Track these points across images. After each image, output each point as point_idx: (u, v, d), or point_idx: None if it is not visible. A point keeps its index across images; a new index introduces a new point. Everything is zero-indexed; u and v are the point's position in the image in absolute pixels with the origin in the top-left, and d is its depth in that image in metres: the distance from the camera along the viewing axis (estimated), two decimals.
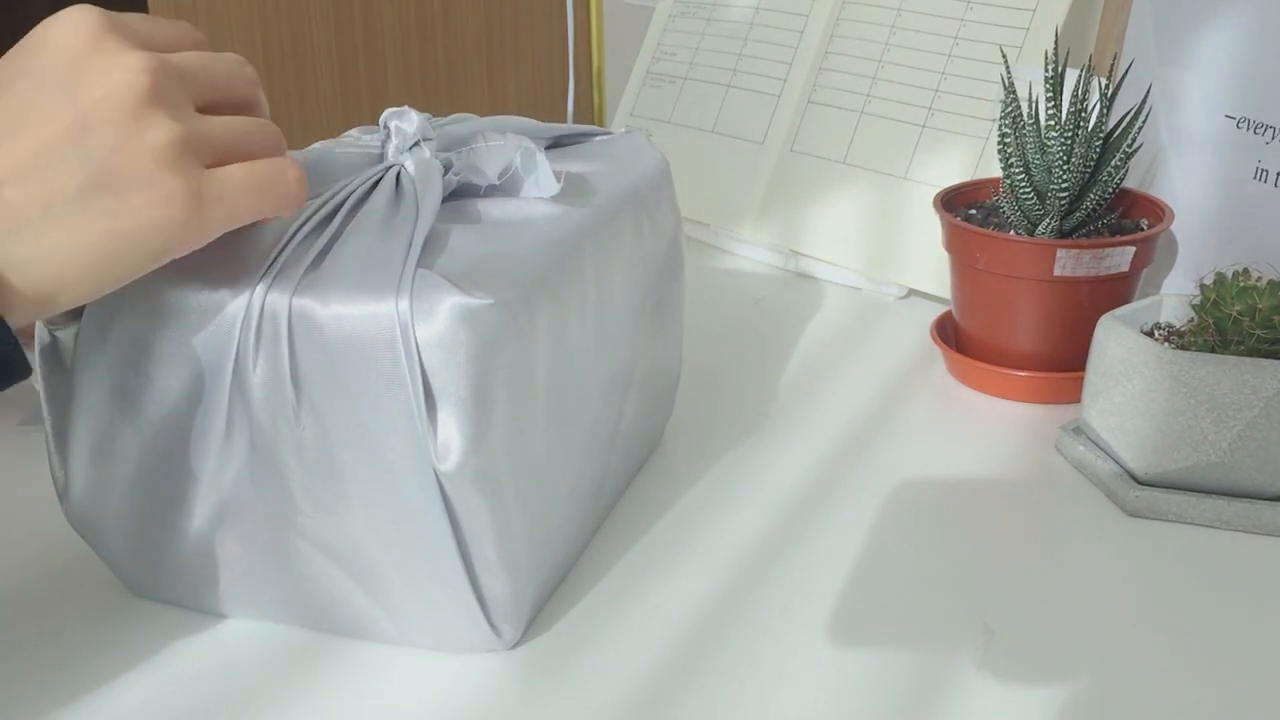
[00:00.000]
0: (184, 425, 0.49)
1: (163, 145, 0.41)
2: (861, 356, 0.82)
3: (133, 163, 0.41)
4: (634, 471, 0.66)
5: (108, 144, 0.41)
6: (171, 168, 0.42)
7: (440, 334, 0.45)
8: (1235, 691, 0.50)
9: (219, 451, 0.49)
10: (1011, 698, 0.49)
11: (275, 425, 0.48)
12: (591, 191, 0.57)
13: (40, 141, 0.40)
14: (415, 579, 0.50)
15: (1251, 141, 0.78)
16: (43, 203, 0.40)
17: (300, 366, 0.47)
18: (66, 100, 0.41)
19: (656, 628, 0.54)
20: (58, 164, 0.40)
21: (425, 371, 0.46)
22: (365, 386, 0.46)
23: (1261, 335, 0.60)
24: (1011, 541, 0.61)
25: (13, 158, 0.40)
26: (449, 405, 0.46)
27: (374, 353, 0.46)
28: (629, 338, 0.60)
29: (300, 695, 0.50)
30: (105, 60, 0.41)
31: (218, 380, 0.48)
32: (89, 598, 0.56)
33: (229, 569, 0.52)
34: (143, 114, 0.41)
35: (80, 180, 0.40)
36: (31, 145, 0.40)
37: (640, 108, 1.12)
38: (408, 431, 0.46)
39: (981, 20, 0.92)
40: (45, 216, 0.40)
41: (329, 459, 0.48)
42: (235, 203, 0.44)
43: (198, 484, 0.50)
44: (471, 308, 0.45)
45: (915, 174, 0.92)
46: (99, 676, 0.51)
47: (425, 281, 0.46)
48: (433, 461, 0.47)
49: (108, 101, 0.41)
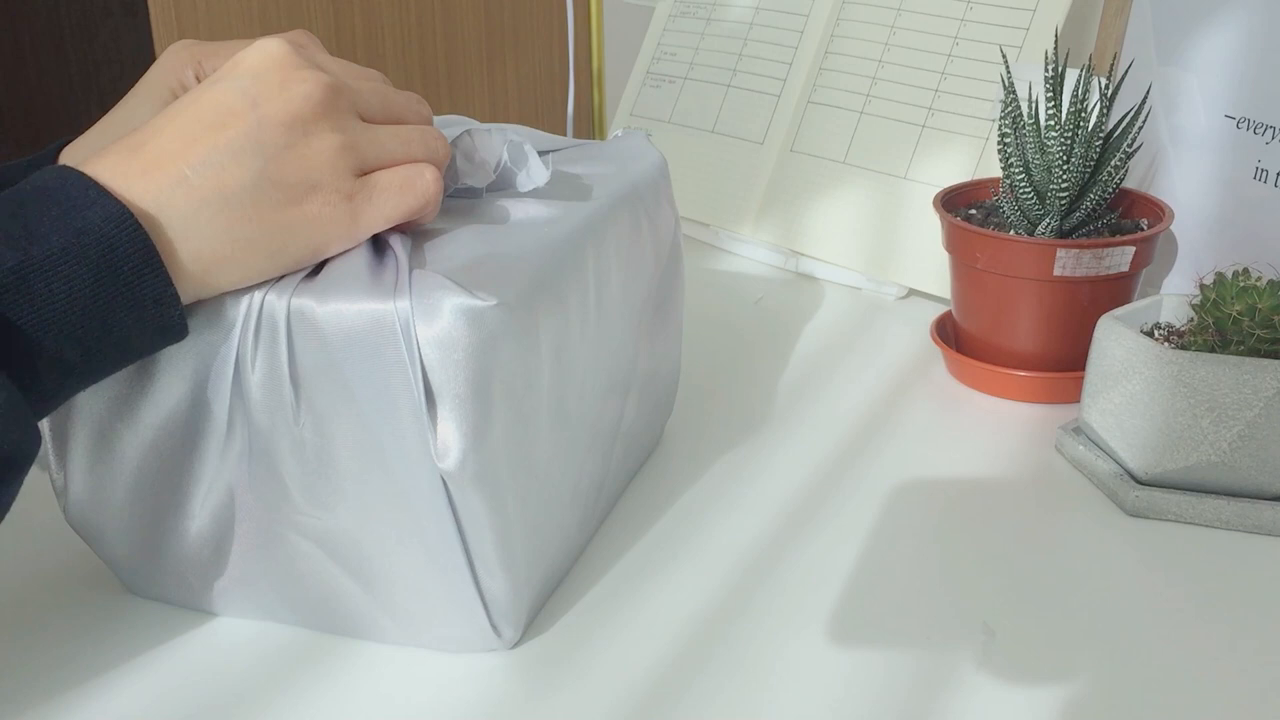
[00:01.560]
0: (183, 427, 0.49)
1: (325, 151, 0.47)
2: (861, 356, 0.82)
3: (299, 164, 0.47)
4: (634, 471, 0.66)
5: (279, 144, 0.46)
6: (331, 172, 0.47)
7: (442, 333, 0.45)
8: (1235, 691, 0.50)
9: (219, 452, 0.49)
10: (1011, 698, 0.49)
11: (275, 425, 0.48)
12: (592, 192, 0.57)
13: (222, 137, 0.46)
14: (415, 578, 0.50)
15: (1251, 141, 0.78)
16: (219, 189, 0.45)
17: (299, 366, 0.47)
18: (248, 105, 0.47)
19: (657, 627, 0.54)
20: (235, 157, 0.46)
21: (426, 370, 0.46)
22: (365, 386, 0.46)
23: (1261, 335, 0.59)
24: (1011, 541, 0.61)
25: (197, 149, 0.46)
26: (449, 404, 0.46)
27: (375, 352, 0.46)
28: (629, 338, 0.60)
29: (299, 695, 0.50)
30: (287, 75, 0.48)
31: (218, 382, 0.48)
32: (87, 597, 0.56)
33: (228, 569, 0.53)
34: (312, 123, 0.47)
35: (253, 174, 0.46)
36: (214, 139, 0.46)
37: (640, 108, 1.12)
38: (408, 430, 0.46)
39: (981, 20, 0.92)
40: (221, 202, 0.45)
41: (328, 458, 0.48)
42: (383, 205, 0.49)
43: (198, 485, 0.50)
44: (475, 308, 0.46)
45: (915, 174, 0.92)
46: (98, 676, 0.51)
47: (427, 281, 0.46)
48: (433, 460, 0.47)
49: (285, 108, 0.47)
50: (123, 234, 0.43)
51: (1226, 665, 0.51)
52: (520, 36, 1.59)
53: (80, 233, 0.43)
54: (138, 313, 0.44)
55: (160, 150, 0.46)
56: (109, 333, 0.44)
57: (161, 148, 0.46)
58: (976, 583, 0.57)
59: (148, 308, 0.44)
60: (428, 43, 1.49)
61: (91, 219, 0.43)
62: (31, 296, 0.42)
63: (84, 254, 0.43)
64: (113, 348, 0.44)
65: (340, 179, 0.48)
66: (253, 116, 0.46)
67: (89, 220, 0.43)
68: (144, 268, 0.44)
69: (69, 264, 0.42)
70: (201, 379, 0.48)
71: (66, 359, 0.43)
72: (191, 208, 0.45)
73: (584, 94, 1.46)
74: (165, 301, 0.45)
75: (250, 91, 0.47)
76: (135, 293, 0.44)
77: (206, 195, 0.45)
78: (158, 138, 0.46)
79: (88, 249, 0.43)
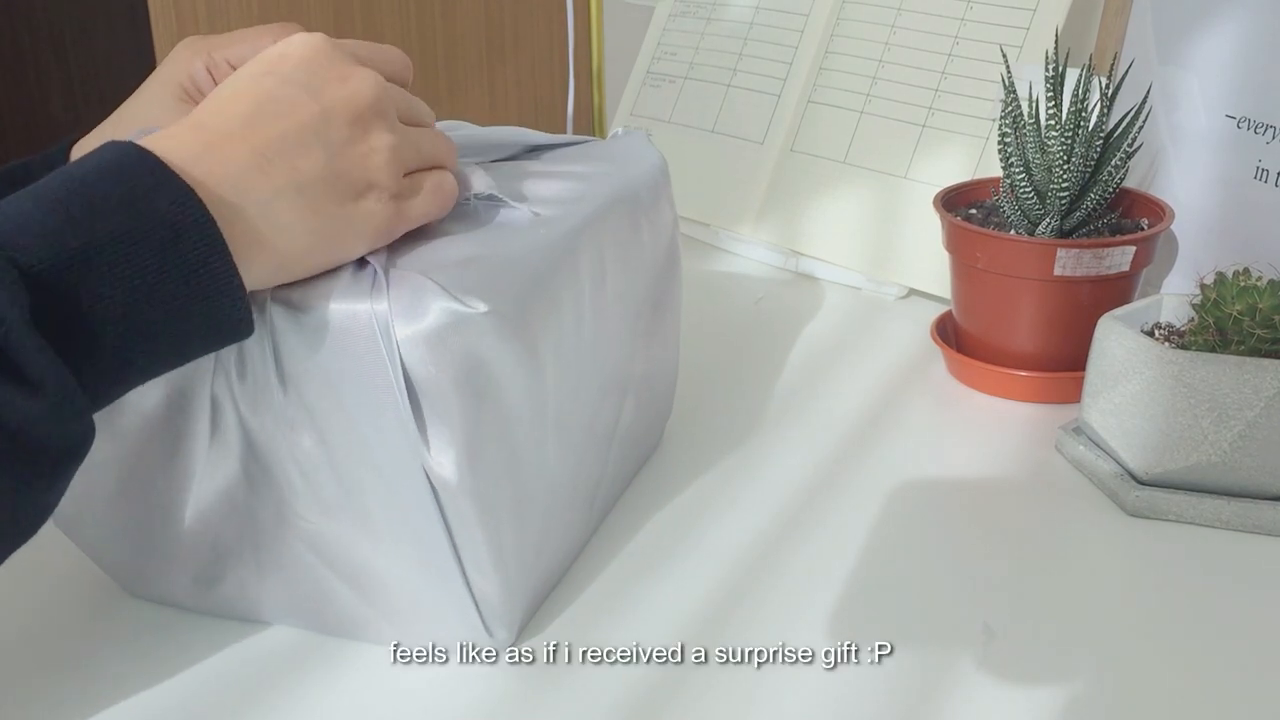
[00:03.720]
0: (165, 430, 0.49)
1: (383, 148, 0.48)
2: (861, 356, 0.82)
3: (359, 160, 0.47)
4: (633, 472, 0.66)
5: (343, 137, 0.47)
6: (387, 168, 0.48)
7: (427, 337, 0.45)
8: (1235, 691, 0.50)
9: (205, 455, 0.49)
10: (1011, 698, 0.49)
11: (264, 425, 0.48)
12: (589, 192, 0.57)
13: (289, 125, 0.45)
14: (406, 580, 0.50)
15: (1251, 141, 0.78)
16: (294, 178, 0.45)
17: (287, 366, 0.46)
18: (310, 96, 0.46)
19: (655, 627, 0.54)
20: (304, 146, 0.45)
21: (410, 374, 0.45)
22: (349, 386, 0.46)
23: (1261, 335, 0.59)
24: (1011, 541, 0.61)
25: (264, 137, 0.45)
26: (435, 407, 0.46)
27: (356, 352, 0.45)
28: (625, 340, 0.59)
29: (293, 695, 0.50)
30: (342, 70, 0.48)
31: (199, 382, 0.48)
32: (83, 598, 0.56)
33: (220, 571, 0.52)
34: (370, 119, 0.48)
35: (323, 164, 0.46)
36: (280, 128, 0.45)
37: (640, 108, 1.12)
38: (393, 432, 0.46)
39: (981, 20, 0.92)
40: (295, 191, 0.45)
41: (319, 459, 0.48)
42: (420, 206, 0.50)
43: (184, 489, 0.50)
44: (461, 314, 0.45)
45: (915, 174, 0.92)
46: (93, 676, 0.51)
47: (410, 283, 0.45)
48: (419, 462, 0.46)
49: (347, 102, 0.47)
50: (189, 217, 0.41)
51: (1227, 665, 0.51)
52: (520, 37, 1.59)
53: (146, 215, 0.41)
54: (203, 302, 0.42)
55: (228, 133, 0.44)
56: (172, 321, 0.42)
57: (228, 131, 0.44)
58: (976, 583, 0.57)
59: (212, 297, 0.42)
60: (428, 43, 1.49)
61: (158, 201, 0.41)
62: (94, 279, 0.40)
63: (150, 237, 0.41)
64: (175, 338, 0.42)
65: (393, 179, 0.48)
66: (317, 107, 0.46)
67: (156, 202, 0.41)
68: (211, 253, 0.42)
69: (134, 246, 0.40)
70: (183, 379, 0.48)
71: (126, 347, 0.41)
72: (270, 193, 0.44)
73: (584, 94, 1.45)
74: (231, 292, 0.43)
75: (308, 83, 0.46)
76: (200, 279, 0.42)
77: (282, 184, 0.45)
78: (219, 122, 0.45)
79: (154, 232, 0.41)
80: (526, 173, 0.58)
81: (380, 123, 0.48)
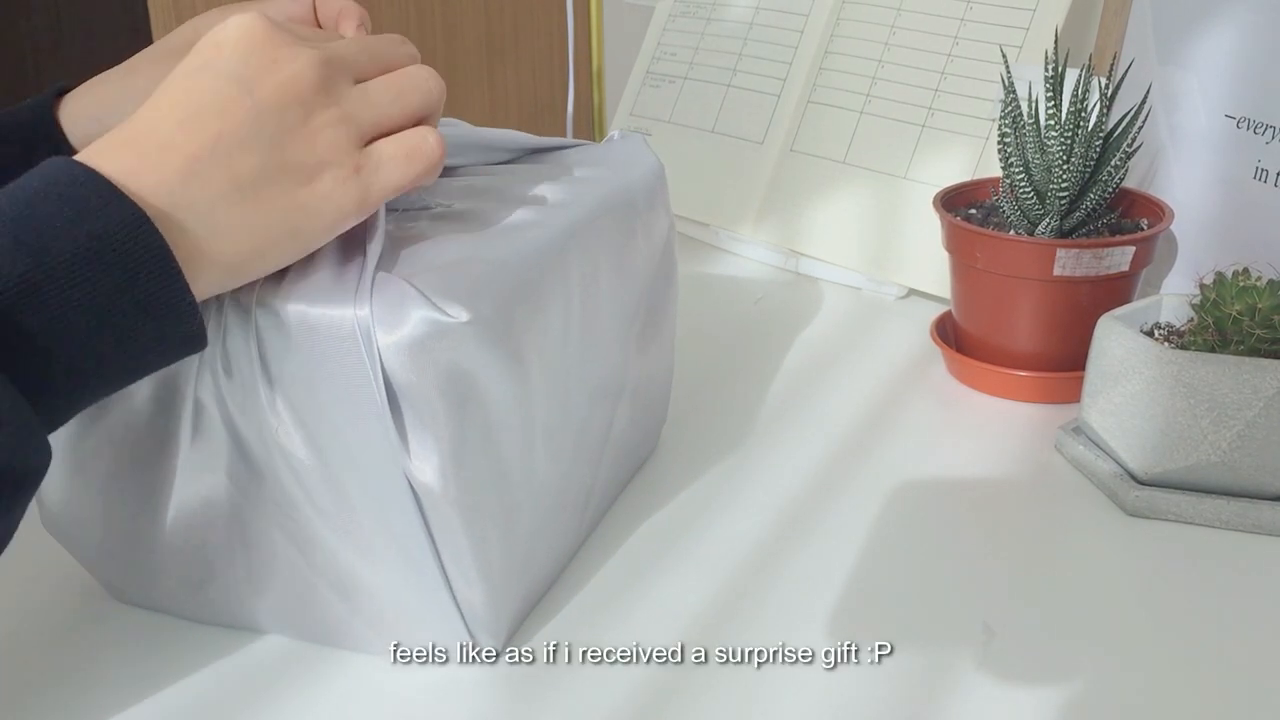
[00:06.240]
0: (151, 429, 0.49)
1: (326, 128, 0.46)
2: (861, 356, 0.82)
3: (304, 145, 0.46)
4: (628, 477, 0.65)
5: (283, 128, 0.45)
6: (336, 144, 0.46)
7: (409, 345, 0.44)
8: (1235, 691, 0.50)
9: (186, 455, 0.49)
10: (1011, 697, 0.49)
11: (250, 426, 0.47)
12: (582, 196, 0.56)
13: (223, 126, 0.44)
14: (392, 587, 0.49)
15: (1251, 141, 0.78)
16: (232, 181, 0.44)
17: (272, 368, 0.46)
18: (243, 90, 0.45)
19: (655, 627, 0.54)
20: (241, 146, 0.44)
21: (392, 380, 0.45)
22: (332, 391, 0.46)
23: (1261, 335, 0.59)
24: (1011, 541, 0.61)
25: (199, 143, 0.44)
26: (421, 415, 0.45)
27: (337, 357, 0.45)
28: (617, 346, 0.59)
29: (279, 704, 0.50)
30: (276, 54, 0.46)
31: (184, 385, 0.48)
32: (72, 604, 0.56)
33: (209, 575, 0.52)
34: (311, 101, 0.46)
35: (261, 160, 0.45)
36: (215, 129, 0.44)
37: (640, 108, 1.12)
38: (375, 438, 0.46)
39: (981, 20, 0.92)
40: (236, 193, 0.44)
41: (304, 462, 0.47)
42: (391, 173, 0.48)
43: (170, 490, 0.50)
44: (442, 323, 0.45)
45: (915, 174, 0.92)
46: (83, 684, 0.51)
47: (392, 289, 0.45)
48: (400, 469, 0.46)
49: (281, 91, 0.45)
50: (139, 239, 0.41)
51: (1226, 665, 0.51)
52: (520, 36, 1.59)
53: (95, 238, 0.40)
54: (156, 322, 0.42)
55: (162, 143, 0.44)
56: (125, 343, 0.42)
57: (162, 141, 0.44)
58: (976, 583, 0.57)
59: (166, 317, 0.42)
60: (428, 43, 1.49)
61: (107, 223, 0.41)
62: (44, 304, 0.40)
63: (99, 260, 0.40)
64: (129, 358, 0.42)
65: (346, 153, 0.47)
66: (249, 102, 0.45)
67: (105, 224, 0.41)
68: (162, 274, 0.42)
69: (84, 269, 0.40)
70: (167, 381, 0.48)
71: (80, 370, 0.41)
72: (207, 202, 0.43)
73: (584, 94, 1.45)
74: (183, 310, 0.43)
75: (242, 75, 0.45)
76: (153, 301, 0.42)
77: (219, 189, 0.44)
78: (154, 131, 0.44)
79: (104, 254, 0.40)
80: (521, 175, 0.58)
81: (321, 99, 0.46)
